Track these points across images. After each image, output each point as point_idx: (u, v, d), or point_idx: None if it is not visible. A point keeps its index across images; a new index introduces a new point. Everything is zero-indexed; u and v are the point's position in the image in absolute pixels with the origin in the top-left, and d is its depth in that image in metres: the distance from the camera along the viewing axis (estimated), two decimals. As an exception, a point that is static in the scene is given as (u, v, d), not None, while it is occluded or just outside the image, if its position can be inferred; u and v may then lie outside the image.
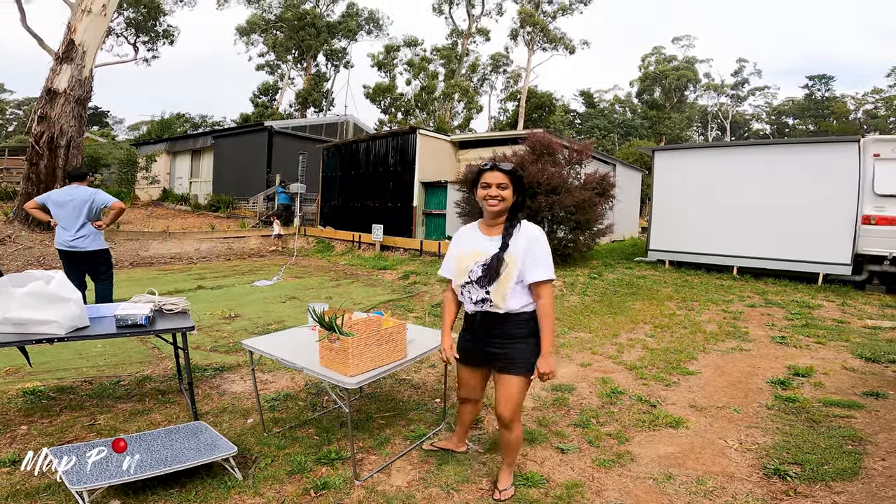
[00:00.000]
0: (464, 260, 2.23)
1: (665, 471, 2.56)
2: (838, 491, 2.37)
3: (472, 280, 2.17)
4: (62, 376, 3.73)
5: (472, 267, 2.18)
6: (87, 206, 4.74)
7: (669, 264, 9.98)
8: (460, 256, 2.25)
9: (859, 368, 4.29)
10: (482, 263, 2.15)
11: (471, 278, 2.18)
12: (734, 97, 45.02)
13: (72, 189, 4.80)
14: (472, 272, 2.18)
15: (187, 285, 8.07)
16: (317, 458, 2.56)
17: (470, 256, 2.20)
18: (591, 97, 44.42)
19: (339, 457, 2.58)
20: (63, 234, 4.71)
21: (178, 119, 40.09)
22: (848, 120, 40.14)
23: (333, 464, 2.52)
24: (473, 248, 2.22)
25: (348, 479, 2.40)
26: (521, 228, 2.17)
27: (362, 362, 2.28)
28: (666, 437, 2.97)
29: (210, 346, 4.65)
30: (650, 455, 2.73)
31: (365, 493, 2.30)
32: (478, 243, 2.22)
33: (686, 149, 10.66)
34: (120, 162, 18.50)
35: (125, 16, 21.35)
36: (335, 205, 14.86)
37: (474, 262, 2.18)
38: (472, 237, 2.27)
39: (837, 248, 8.10)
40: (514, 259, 2.11)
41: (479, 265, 2.16)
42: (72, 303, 2.63)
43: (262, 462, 2.53)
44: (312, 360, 2.45)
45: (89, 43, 11.24)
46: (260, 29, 33.78)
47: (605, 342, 5.10)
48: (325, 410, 3.22)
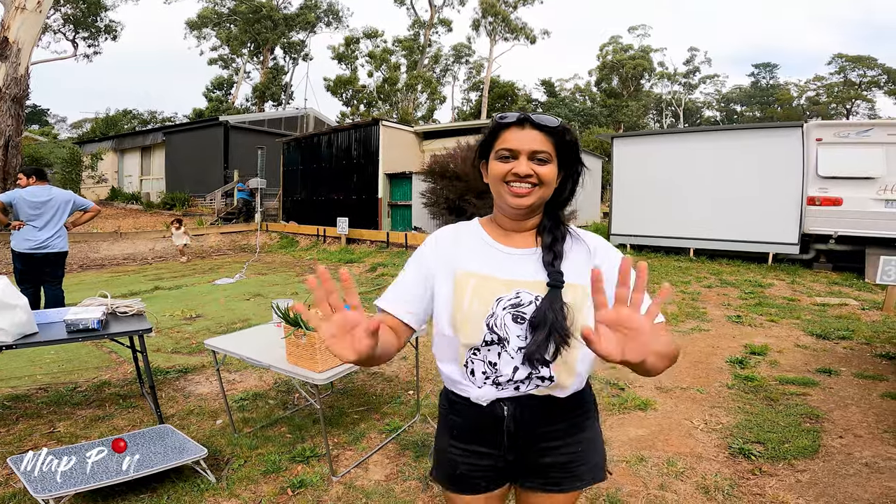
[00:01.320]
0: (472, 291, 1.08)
1: (637, 453, 2.63)
2: (801, 469, 2.48)
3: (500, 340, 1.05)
4: (15, 384, 3.52)
5: (496, 309, 1.05)
6: (69, 207, 4.59)
7: (630, 248, 10.27)
8: (460, 281, 1.09)
9: (811, 345, 4.52)
10: (511, 303, 1.05)
11: (496, 335, 1.05)
12: (686, 85, 46.56)
13: (46, 188, 4.55)
14: (495, 322, 1.05)
15: (143, 287, 7.73)
16: (291, 456, 2.51)
17: (484, 286, 1.08)
18: (552, 86, 44.97)
19: (315, 454, 2.53)
20: (35, 235, 4.42)
21: (124, 115, 38.19)
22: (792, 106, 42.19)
23: (309, 461, 2.48)
24: (487, 270, 1.09)
25: (325, 476, 2.36)
26: (574, 237, 1.14)
27: (330, 357, 2.24)
28: (635, 419, 3.06)
29: (171, 348, 4.47)
30: (622, 438, 2.81)
31: (343, 490, 2.27)
32: (494, 261, 1.11)
33: (643, 136, 10.97)
34: (63, 161, 17.46)
35: (63, 12, 20.06)
36: (298, 199, 14.54)
37: (496, 300, 1.06)
38: (480, 248, 1.14)
39: (785, 229, 8.53)
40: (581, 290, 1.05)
41: (507, 307, 1.05)
42: (18, 309, 2.48)
43: (234, 463, 2.46)
44: (279, 357, 2.39)
45: (24, 40, 10.65)
46: (212, 23, 32.43)
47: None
48: (296, 408, 3.15)
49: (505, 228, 1.15)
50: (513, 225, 1.14)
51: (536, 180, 1.05)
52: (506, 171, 1.06)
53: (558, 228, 1.12)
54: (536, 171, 1.05)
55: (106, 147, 21.96)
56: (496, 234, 1.15)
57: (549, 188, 1.08)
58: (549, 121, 1.07)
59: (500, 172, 1.07)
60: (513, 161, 1.06)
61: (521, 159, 1.05)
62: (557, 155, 1.08)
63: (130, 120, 38.47)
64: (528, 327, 1.04)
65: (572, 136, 1.09)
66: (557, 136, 1.07)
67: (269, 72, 34.40)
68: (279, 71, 35.41)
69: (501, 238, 1.14)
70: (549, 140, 1.06)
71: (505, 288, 1.07)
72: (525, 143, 1.05)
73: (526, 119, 1.07)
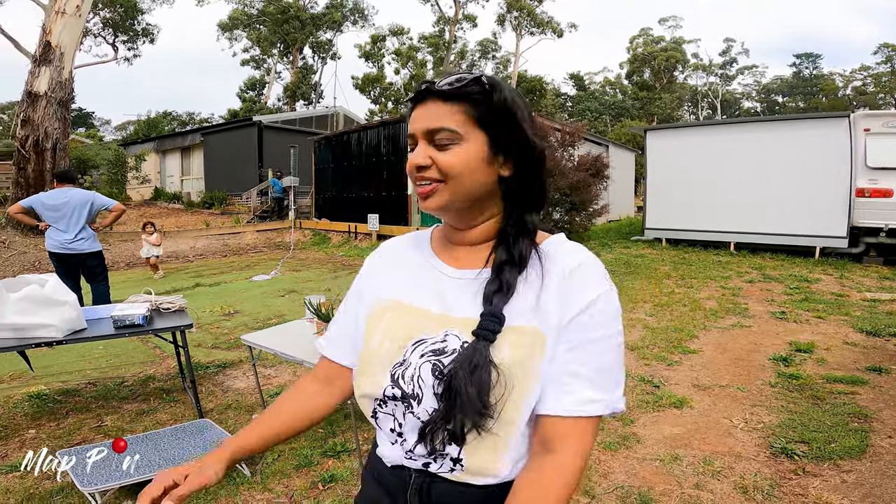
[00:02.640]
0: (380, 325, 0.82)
1: (671, 451, 2.57)
2: (847, 469, 2.38)
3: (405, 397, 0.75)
4: (66, 379, 3.70)
5: (410, 355, 0.76)
6: (87, 208, 4.68)
7: (666, 242, 10.01)
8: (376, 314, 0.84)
9: (860, 343, 4.31)
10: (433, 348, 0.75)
11: (402, 389, 0.75)
12: (723, 76, 45.15)
13: (65, 191, 4.70)
14: (403, 372, 0.76)
15: (185, 283, 8.02)
16: (323, 451, 2.56)
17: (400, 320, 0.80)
18: (581, 80, 44.17)
19: (345, 449, 2.58)
20: (60, 237, 4.61)
21: (164, 117, 39.66)
22: (837, 97, 40.67)
23: (340, 456, 2.52)
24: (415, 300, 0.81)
25: (355, 471, 2.40)
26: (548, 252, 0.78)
27: (365, 353, 2.26)
28: (671, 417, 2.98)
29: (211, 344, 4.63)
30: (656, 436, 2.74)
31: (374, 485, 2.30)
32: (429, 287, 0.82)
33: (678, 128, 10.67)
34: (108, 163, 18.30)
35: (101, 16, 20.92)
36: (330, 196, 14.78)
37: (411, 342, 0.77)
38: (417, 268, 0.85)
39: (833, 222, 8.15)
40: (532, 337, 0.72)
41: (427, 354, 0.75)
42: (68, 306, 2.60)
43: (268, 458, 2.52)
44: (312, 352, 2.43)
45: (66, 44, 11.07)
46: (242, 24, 33.28)
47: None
48: (329, 403, 3.21)
49: (451, 240, 0.84)
50: (455, 235, 0.83)
51: (437, 173, 0.74)
52: (411, 166, 0.76)
53: (518, 242, 0.76)
54: (435, 159, 0.74)
55: (148, 148, 22.86)
56: (442, 249, 0.85)
57: (463, 182, 0.74)
58: (450, 80, 0.73)
59: (408, 168, 0.78)
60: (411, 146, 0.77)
61: (420, 145, 0.76)
62: (485, 129, 0.74)
63: (170, 121, 39.96)
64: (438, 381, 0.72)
65: (502, 94, 0.73)
66: (474, 101, 0.73)
67: (299, 71, 35.05)
68: (308, 70, 36.04)
69: (448, 255, 0.83)
70: (461, 110, 0.73)
71: (432, 326, 0.77)
72: (420, 122, 0.75)
73: (426, 90, 0.76)
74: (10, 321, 2.43)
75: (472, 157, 0.73)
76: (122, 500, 2.13)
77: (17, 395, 3.36)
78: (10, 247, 10.13)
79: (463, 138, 0.73)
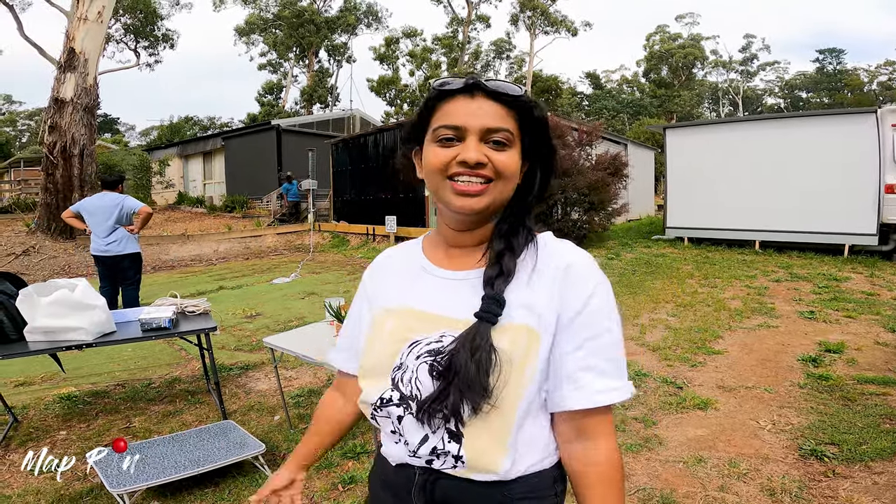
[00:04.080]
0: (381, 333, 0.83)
1: (695, 454, 2.52)
2: (878, 471, 2.31)
3: (403, 399, 0.77)
4: (96, 381, 3.80)
5: (406, 358, 0.78)
6: (116, 211, 4.91)
7: (688, 241, 9.83)
8: (378, 321, 0.85)
9: (892, 343, 4.18)
10: (429, 349, 0.76)
11: (401, 391, 0.78)
12: (744, 73, 44.26)
13: (101, 196, 4.99)
14: (402, 375, 0.77)
15: (209, 286, 8.18)
16: (343, 452, 2.58)
17: (399, 325, 0.81)
18: (597, 79, 43.76)
19: (365, 450, 2.59)
20: (96, 241, 4.92)
21: (186, 122, 40.52)
22: (863, 92, 39.84)
23: (359, 457, 2.54)
24: (410, 303, 0.83)
25: (377, 472, 2.41)
26: (541, 249, 0.80)
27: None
28: (694, 419, 2.93)
29: (234, 346, 4.70)
30: (679, 438, 2.70)
31: (394, 486, 2.31)
32: (424, 290, 0.83)
33: (699, 125, 10.47)
34: (134, 168, 18.79)
35: (123, 22, 21.45)
36: (347, 199, 14.90)
37: (406, 344, 0.78)
38: (412, 274, 0.87)
39: (862, 219, 7.91)
40: (526, 335, 0.74)
41: (422, 355, 0.76)
42: (98, 309, 2.67)
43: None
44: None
45: (90, 50, 11.30)
46: (259, 28, 33.84)
47: (626, 323, 5.03)
48: (349, 405, 3.24)
49: (447, 243, 0.84)
50: (456, 238, 0.83)
51: (491, 172, 0.74)
52: (448, 160, 0.74)
53: (517, 234, 0.78)
54: (492, 158, 0.73)
55: (172, 153, 23.36)
56: (434, 253, 0.86)
57: (508, 184, 0.76)
58: (509, 88, 0.75)
59: (441, 162, 0.75)
60: (458, 144, 0.74)
61: (470, 141, 0.73)
62: (521, 138, 0.77)
63: (192, 126, 40.83)
64: (434, 377, 0.74)
65: (541, 111, 0.79)
66: (522, 109, 0.76)
67: (315, 75, 35.46)
68: (324, 73, 36.43)
69: (441, 258, 0.85)
70: (511, 115, 0.75)
71: (426, 326, 0.78)
72: (475, 118, 0.73)
73: (476, 84, 0.75)
74: (42, 324, 2.50)
75: (516, 162, 0.77)
76: (149, 501, 2.18)
77: (49, 396, 3.46)
78: (41, 251, 10.45)
79: (514, 142, 0.76)
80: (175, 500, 2.20)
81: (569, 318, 0.74)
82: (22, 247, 10.38)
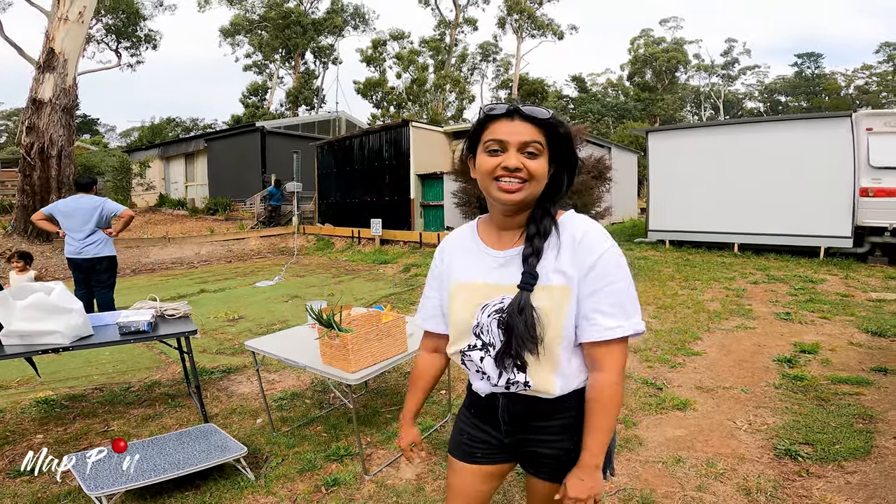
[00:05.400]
0: (457, 302, 1.17)
1: (674, 454, 2.57)
2: (851, 471, 2.37)
3: (485, 345, 1.12)
4: (73, 384, 3.74)
5: (481, 318, 1.11)
6: (96, 214, 4.83)
7: (670, 244, 9.98)
8: (453, 293, 1.18)
9: (866, 343, 4.29)
10: (496, 309, 1.09)
11: (482, 340, 1.12)
12: (725, 77, 45.14)
13: (77, 198, 4.88)
14: (481, 329, 1.12)
15: (190, 289, 8.07)
16: (326, 455, 2.57)
17: (469, 295, 1.14)
18: (583, 82, 44.19)
19: (348, 453, 2.59)
20: (71, 243, 4.81)
21: (168, 123, 39.89)
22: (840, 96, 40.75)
23: (343, 460, 2.53)
24: (477, 278, 1.14)
25: (358, 474, 2.41)
26: (563, 226, 1.09)
27: (363, 357, 2.29)
28: (673, 419, 2.98)
29: (216, 349, 4.65)
30: (658, 438, 2.74)
31: (375, 488, 2.31)
32: (480, 268, 1.15)
33: (680, 129, 10.64)
34: (114, 169, 18.42)
35: (104, 22, 21.08)
36: (333, 201, 14.82)
37: (479, 308, 1.12)
38: (473, 254, 1.18)
39: (837, 221, 8.11)
40: (561, 292, 1.05)
41: (490, 312, 1.10)
42: (74, 313, 2.63)
43: (272, 461, 2.54)
44: (314, 357, 2.45)
45: (70, 51, 11.11)
46: (244, 30, 33.49)
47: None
48: (331, 407, 3.23)
49: (498, 227, 1.16)
50: (503, 222, 1.14)
51: (526, 175, 1.04)
52: (494, 166, 1.05)
53: (543, 220, 1.09)
54: (526, 165, 1.04)
55: (153, 155, 22.99)
56: (488, 236, 1.18)
57: (539, 183, 1.06)
58: (540, 112, 1.04)
59: (489, 167, 1.06)
60: (502, 154, 1.04)
61: (511, 152, 1.04)
62: (549, 148, 1.07)
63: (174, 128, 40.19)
64: (501, 333, 1.08)
65: (566, 128, 1.08)
66: (549, 128, 1.06)
67: (301, 76, 35.21)
68: (310, 75, 36.19)
69: (493, 239, 1.17)
70: (541, 132, 1.05)
71: (492, 294, 1.11)
72: (514, 135, 1.04)
73: (516, 110, 1.05)
74: (17, 328, 2.46)
75: (545, 167, 1.06)
76: (127, 505, 2.15)
77: (25, 400, 3.39)
78: (17, 254, 10.20)
79: (543, 152, 1.06)
80: (155, 502, 2.17)
81: (584, 273, 1.04)
82: (-3, 249, 10.12)
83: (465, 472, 1.28)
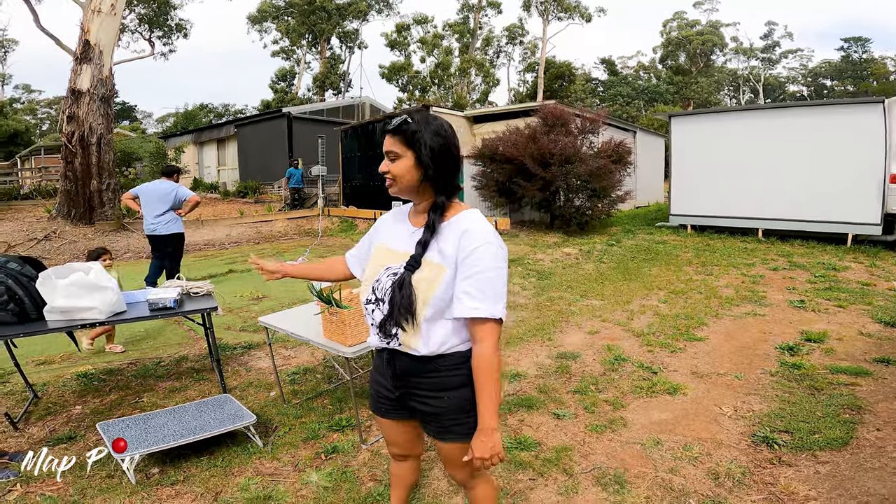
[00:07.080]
0: (373, 259, 1.48)
1: (654, 436, 2.67)
2: (824, 461, 2.40)
3: (379, 299, 1.39)
4: (111, 360, 4.07)
5: (381, 275, 1.39)
6: (169, 196, 5.57)
7: (692, 229, 9.86)
8: (373, 252, 1.51)
9: (876, 333, 4.24)
10: (393, 272, 1.36)
11: (376, 295, 1.39)
12: (766, 60, 43.09)
13: (157, 183, 5.70)
14: (378, 284, 1.39)
15: (219, 269, 8.46)
16: (329, 425, 2.80)
17: (382, 256, 1.44)
18: (613, 65, 42.96)
19: (350, 424, 2.81)
20: (148, 220, 5.59)
21: (201, 110, 40.93)
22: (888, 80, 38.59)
23: (344, 430, 2.76)
24: (388, 244, 1.46)
25: (356, 443, 2.63)
26: (454, 221, 1.36)
27: (359, 333, 2.49)
28: (662, 403, 3.08)
29: (240, 327, 4.95)
30: (642, 421, 2.85)
31: (370, 456, 2.52)
32: (397, 236, 1.45)
33: (704, 114, 10.40)
34: (150, 155, 19.16)
35: (137, 12, 21.68)
36: (356, 184, 15.10)
37: (384, 268, 1.40)
38: (394, 226, 1.49)
39: (866, 208, 7.88)
40: (436, 269, 1.31)
41: (389, 274, 1.37)
42: (109, 290, 2.89)
43: (280, 431, 2.79)
44: (318, 333, 2.67)
45: (104, 42, 11.53)
46: (271, 16, 33.94)
47: (616, 309, 5.17)
48: (339, 382, 3.46)
49: (416, 209, 1.47)
50: (416, 207, 1.45)
51: (392, 175, 1.36)
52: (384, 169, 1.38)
53: (435, 213, 1.35)
54: (390, 168, 1.35)
55: (187, 140, 23.75)
56: (413, 214, 1.47)
57: (403, 179, 1.35)
58: (391, 124, 1.34)
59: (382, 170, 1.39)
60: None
61: (386, 159, 1.37)
62: (411, 148, 1.33)
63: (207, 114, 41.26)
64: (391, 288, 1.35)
65: (411, 127, 1.32)
66: (404, 133, 1.32)
67: (328, 61, 35.47)
68: (336, 60, 36.42)
69: (414, 217, 1.46)
70: (399, 139, 1.33)
71: (399, 258, 1.38)
72: (385, 146, 1.36)
73: (383, 129, 1.37)
74: (60, 304, 2.74)
75: (404, 167, 1.34)
76: (150, 467, 2.42)
77: (67, 374, 3.73)
78: (61, 236, 10.86)
79: (402, 156, 1.34)
80: (173, 466, 2.44)
81: (461, 260, 1.28)
82: (43, 232, 10.80)
83: (384, 424, 1.59)
